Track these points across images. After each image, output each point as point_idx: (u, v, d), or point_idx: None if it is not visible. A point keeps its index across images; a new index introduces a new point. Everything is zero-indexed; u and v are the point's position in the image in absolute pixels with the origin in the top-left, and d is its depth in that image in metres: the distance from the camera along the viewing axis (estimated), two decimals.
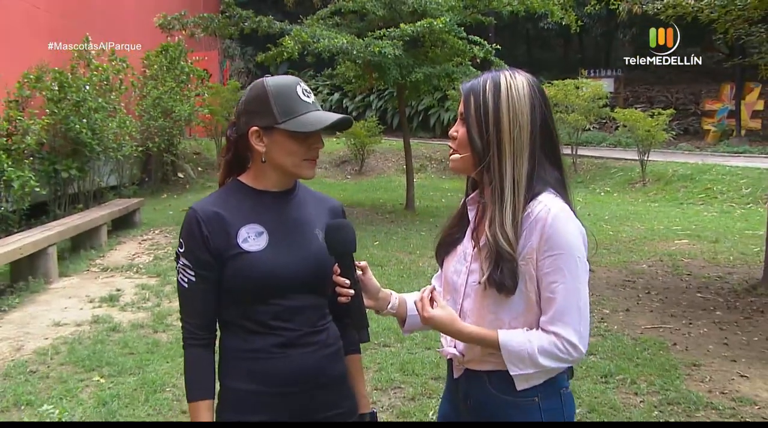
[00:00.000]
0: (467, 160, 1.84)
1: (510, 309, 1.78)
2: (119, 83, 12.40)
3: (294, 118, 1.83)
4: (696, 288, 7.15)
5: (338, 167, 18.78)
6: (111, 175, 12.48)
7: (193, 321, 1.90)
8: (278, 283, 1.84)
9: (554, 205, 1.76)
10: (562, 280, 1.73)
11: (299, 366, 1.87)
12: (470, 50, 11.91)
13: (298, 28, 10.79)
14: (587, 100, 15.77)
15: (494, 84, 1.81)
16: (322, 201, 2.05)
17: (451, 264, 1.92)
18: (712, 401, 4.36)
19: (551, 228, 1.74)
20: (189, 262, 1.87)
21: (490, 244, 1.76)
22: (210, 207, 1.89)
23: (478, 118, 1.80)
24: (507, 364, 1.76)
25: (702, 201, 12.97)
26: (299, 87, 1.87)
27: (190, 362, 1.90)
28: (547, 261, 1.74)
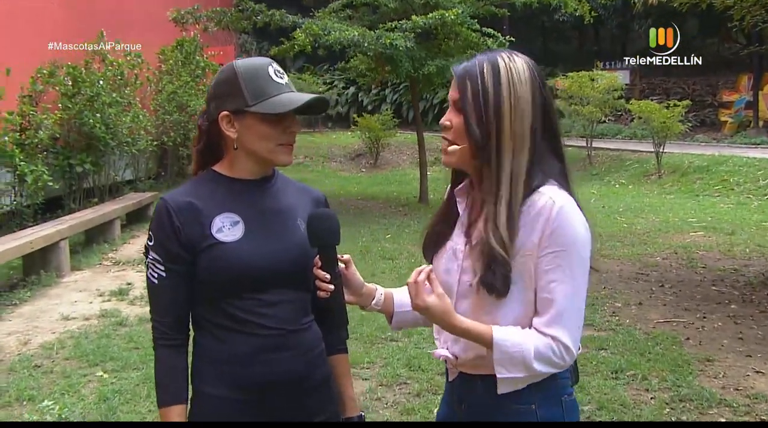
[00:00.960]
0: (464, 152, 1.66)
1: (507, 312, 1.65)
2: (134, 78, 12.43)
3: (265, 99, 1.72)
4: (711, 281, 7.04)
5: (353, 161, 18.76)
6: (126, 170, 12.52)
7: (163, 320, 1.79)
8: (256, 275, 1.74)
9: (559, 197, 1.61)
10: (563, 280, 1.59)
11: (279, 371, 1.76)
12: (484, 42, 11.84)
13: (309, 21, 10.76)
14: (602, 92, 15.61)
15: (492, 67, 1.64)
16: (304, 190, 1.94)
17: (442, 262, 1.76)
18: (726, 398, 4.25)
19: (555, 223, 1.58)
20: (159, 256, 1.76)
21: (483, 244, 1.62)
22: (182, 196, 1.78)
23: (477, 105, 1.62)
24: (495, 366, 1.61)
25: (718, 192, 12.79)
26: (271, 67, 1.76)
27: (160, 364, 1.79)
28: (547, 258, 1.59)
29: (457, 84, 1.67)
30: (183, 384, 1.79)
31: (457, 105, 1.66)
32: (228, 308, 1.75)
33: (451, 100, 1.69)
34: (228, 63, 1.82)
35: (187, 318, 1.81)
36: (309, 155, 18.76)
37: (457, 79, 1.67)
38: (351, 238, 9.37)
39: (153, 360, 4.39)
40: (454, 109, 1.68)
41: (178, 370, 1.78)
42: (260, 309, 1.75)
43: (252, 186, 1.82)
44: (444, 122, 1.69)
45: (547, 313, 1.60)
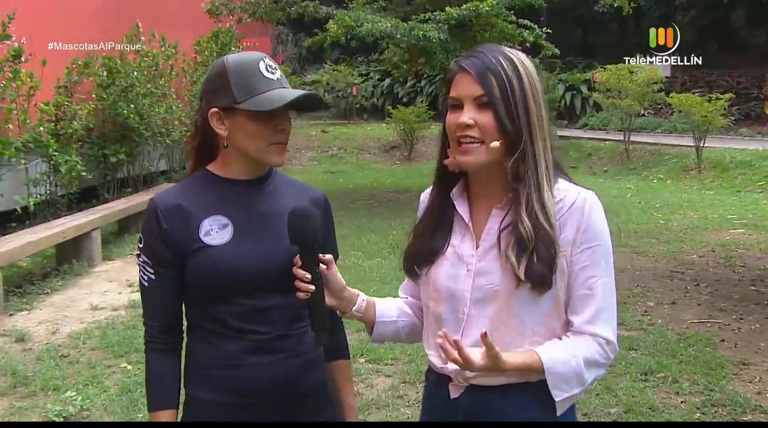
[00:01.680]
0: (495, 149, 1.59)
1: (537, 311, 1.59)
2: (169, 69, 12.51)
3: (254, 96, 1.65)
4: (749, 281, 6.82)
5: (387, 153, 18.68)
6: (160, 160, 12.61)
7: (154, 324, 1.75)
8: (244, 279, 1.68)
9: (587, 192, 1.62)
10: (601, 274, 1.59)
11: (272, 375, 1.71)
12: (520, 34, 11.66)
13: (341, 13, 10.69)
14: (641, 85, 15.26)
15: (509, 61, 1.61)
16: (303, 190, 1.87)
17: (443, 270, 1.68)
18: (762, 404, 4.09)
19: (590, 218, 1.59)
20: (148, 259, 1.72)
21: (528, 233, 1.55)
22: (171, 198, 1.74)
23: (506, 100, 1.58)
24: (552, 390, 1.56)
25: (761, 188, 12.41)
26: (263, 62, 1.69)
27: (150, 368, 1.76)
28: (584, 255, 1.59)
29: (477, 79, 1.59)
30: (173, 389, 1.75)
31: (479, 101, 1.59)
32: (218, 312, 1.70)
33: (468, 97, 1.60)
34: (220, 58, 1.76)
35: (178, 322, 1.77)
36: (343, 147, 18.74)
37: (475, 74, 1.59)
38: (382, 231, 9.31)
39: None
40: (473, 107, 1.60)
41: (167, 375, 1.75)
42: (250, 314, 1.70)
43: (245, 186, 1.76)
44: (466, 121, 1.59)
45: (588, 310, 1.60)
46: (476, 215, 1.68)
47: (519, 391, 1.60)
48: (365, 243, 8.58)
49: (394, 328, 1.79)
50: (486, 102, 1.59)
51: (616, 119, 16.91)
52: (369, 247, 8.37)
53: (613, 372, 4.53)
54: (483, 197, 1.68)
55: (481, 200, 1.68)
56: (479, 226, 1.67)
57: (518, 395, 1.60)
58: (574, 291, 1.60)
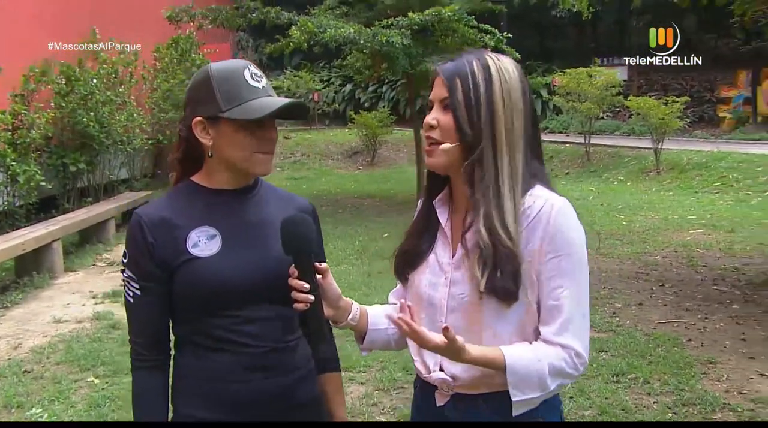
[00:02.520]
0: (453, 152, 1.59)
1: (509, 322, 1.56)
2: (129, 76, 12.33)
3: (239, 105, 1.62)
4: (712, 281, 6.95)
5: (350, 158, 18.67)
6: (121, 169, 12.44)
7: (140, 341, 1.70)
8: (234, 291, 1.64)
9: (556, 199, 1.57)
10: (569, 285, 1.54)
11: (264, 392, 1.67)
12: (481, 39, 11.73)
13: (304, 18, 10.65)
14: (600, 89, 15.51)
15: (483, 66, 1.60)
16: (289, 200, 1.84)
17: (424, 277, 1.67)
18: (730, 402, 4.17)
19: (555, 226, 1.54)
20: (133, 274, 1.67)
21: (485, 246, 1.53)
22: (156, 211, 1.69)
23: (468, 104, 1.57)
24: (511, 389, 1.52)
25: (717, 189, 12.70)
26: (247, 70, 1.66)
27: (137, 386, 1.71)
28: (551, 264, 1.54)
29: (444, 82, 1.60)
30: (161, 408, 1.70)
31: (444, 103, 1.60)
32: (207, 326, 1.66)
33: (436, 99, 1.63)
34: (204, 66, 1.72)
35: (165, 338, 1.72)
36: (306, 153, 18.67)
37: (444, 77, 1.61)
38: (348, 237, 9.29)
39: None
40: (440, 108, 1.61)
41: (155, 393, 1.70)
42: (240, 326, 1.66)
43: (231, 196, 1.72)
44: (430, 121, 1.61)
45: (556, 321, 1.54)
46: (455, 223, 1.67)
47: (503, 398, 1.56)
48: (332, 250, 8.54)
49: (385, 336, 1.77)
50: (448, 104, 1.59)
51: (576, 122, 17.15)
52: (336, 254, 8.33)
53: (586, 374, 4.56)
54: (460, 202, 1.67)
55: (459, 205, 1.67)
56: (457, 234, 1.65)
57: (503, 402, 1.57)
58: (543, 301, 1.56)
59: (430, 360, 1.66)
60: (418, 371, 1.71)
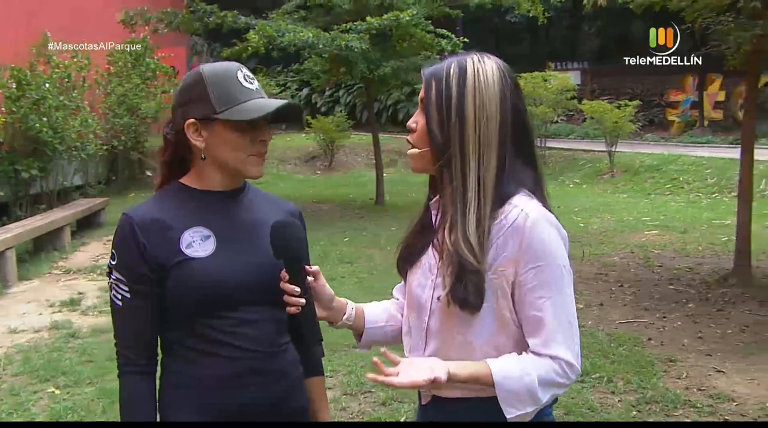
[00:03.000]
0: (425, 156, 1.60)
1: (480, 330, 1.56)
2: (82, 81, 12.10)
3: (234, 106, 1.62)
4: (668, 280, 7.12)
5: (307, 163, 18.59)
6: (76, 175, 12.20)
7: (128, 345, 1.67)
8: (230, 292, 1.63)
9: (532, 209, 1.54)
10: (549, 295, 1.52)
11: (254, 396, 1.66)
12: (438, 44, 11.82)
13: (262, 23, 10.61)
14: (555, 93, 15.76)
15: (460, 68, 1.57)
16: (276, 203, 1.84)
17: (416, 278, 1.68)
18: (690, 399, 4.28)
19: (531, 237, 1.52)
20: (122, 276, 1.64)
21: (451, 255, 1.53)
22: (147, 212, 1.67)
23: (439, 107, 1.56)
24: (503, 407, 1.50)
25: (669, 191, 13.02)
26: (240, 72, 1.66)
27: (125, 393, 1.67)
28: (530, 275, 1.52)
29: (423, 84, 1.61)
30: (150, 415, 1.67)
31: (422, 105, 1.62)
32: (200, 329, 1.64)
33: (420, 100, 1.64)
34: (195, 68, 1.71)
35: (154, 343, 1.70)
36: None
37: (424, 80, 1.61)
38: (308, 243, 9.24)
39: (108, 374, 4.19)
40: (420, 111, 1.63)
41: (144, 400, 1.67)
42: (235, 328, 1.65)
43: (223, 197, 1.72)
44: (410, 124, 1.63)
45: (541, 332, 1.53)
46: (444, 224, 1.65)
47: (471, 404, 1.59)
48: None
49: (383, 333, 1.78)
50: (424, 107, 1.61)
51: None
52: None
53: None
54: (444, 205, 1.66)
55: (448, 209, 1.64)
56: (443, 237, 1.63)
57: (471, 406, 1.59)
58: (524, 312, 1.54)
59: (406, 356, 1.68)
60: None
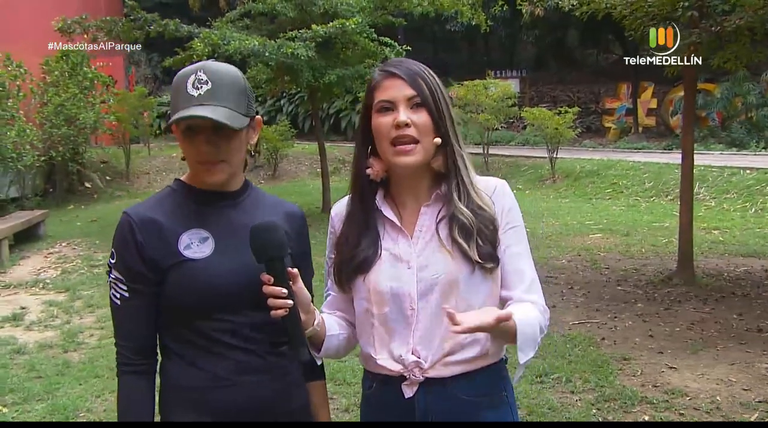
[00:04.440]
0: (432, 146, 1.71)
1: (481, 292, 1.70)
2: (17, 90, 11.74)
3: (175, 112, 1.62)
4: (615, 282, 7.30)
5: (251, 172, 18.39)
6: (11, 187, 11.83)
7: (127, 344, 1.66)
8: (227, 294, 1.63)
9: (499, 180, 1.81)
10: (524, 251, 1.76)
11: (253, 397, 1.66)
12: (381, 52, 11.87)
13: (207, 31, 10.49)
14: (496, 100, 16.00)
15: (427, 69, 1.76)
16: (278, 205, 1.83)
17: (381, 275, 1.71)
18: (647, 395, 4.40)
19: (510, 201, 1.76)
20: (121, 275, 1.64)
21: (468, 221, 1.69)
22: (146, 211, 1.67)
23: (436, 102, 1.70)
24: (520, 353, 1.60)
25: (609, 195, 13.35)
26: (194, 76, 1.63)
27: (123, 392, 1.66)
28: (509, 234, 1.74)
29: (408, 82, 1.69)
30: (148, 414, 1.66)
31: (413, 102, 1.69)
32: (198, 330, 1.64)
33: (401, 99, 1.68)
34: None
35: (153, 342, 1.68)
36: None
37: (406, 78, 1.69)
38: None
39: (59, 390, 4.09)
40: (406, 108, 1.68)
41: (142, 399, 1.65)
42: (233, 329, 1.64)
43: (221, 199, 1.71)
44: (404, 120, 1.67)
45: (524, 282, 1.74)
46: (404, 217, 1.76)
47: (468, 379, 1.70)
48: None
49: (336, 342, 1.79)
50: (419, 102, 1.69)
51: (474, 133, 17.59)
52: None
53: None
54: (409, 198, 1.77)
55: (407, 201, 1.77)
56: (409, 226, 1.75)
57: (467, 382, 1.70)
58: (505, 267, 1.73)
59: (402, 349, 1.70)
60: (381, 367, 1.73)
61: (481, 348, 1.70)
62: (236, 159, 1.71)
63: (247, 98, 1.69)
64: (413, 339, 1.69)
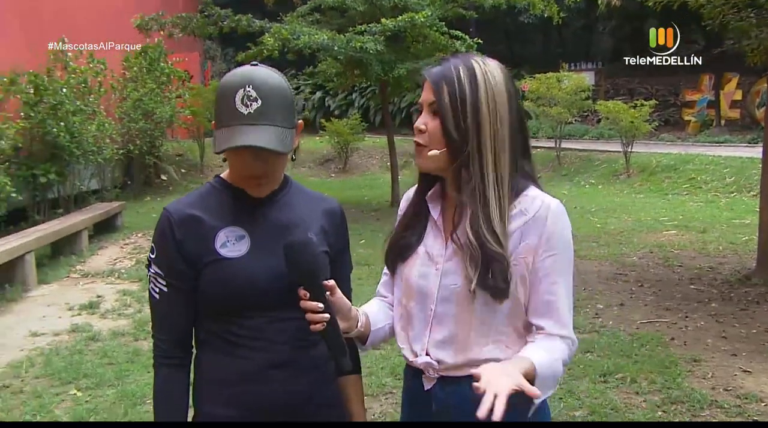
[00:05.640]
0: (442, 156, 1.64)
1: (498, 313, 1.63)
2: (98, 86, 12.16)
3: (221, 128, 1.61)
4: (689, 280, 7.05)
5: (322, 166, 18.63)
6: (92, 179, 12.25)
7: (165, 338, 1.69)
8: (261, 294, 1.63)
9: (551, 200, 1.65)
10: (561, 281, 1.64)
11: (286, 390, 1.66)
12: (452, 45, 11.79)
13: (277, 26, 10.63)
14: (570, 93, 15.69)
15: (468, 70, 1.63)
16: (317, 201, 1.81)
17: (414, 268, 1.72)
18: (717, 399, 4.22)
19: (553, 226, 1.62)
20: (160, 270, 1.66)
21: (473, 247, 1.59)
22: (185, 208, 1.68)
23: (454, 108, 1.61)
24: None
25: (687, 191, 12.92)
26: (241, 91, 1.59)
27: (160, 385, 1.69)
28: (547, 262, 1.62)
29: (431, 87, 1.64)
30: (183, 407, 1.69)
31: (432, 108, 1.64)
32: (232, 326, 1.65)
33: (425, 103, 1.66)
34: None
35: (189, 336, 1.71)
36: None
37: (431, 82, 1.65)
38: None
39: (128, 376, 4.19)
40: (428, 113, 1.65)
41: (178, 391, 1.69)
42: (266, 326, 1.65)
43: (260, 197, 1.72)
44: (419, 126, 1.66)
45: (554, 315, 1.64)
46: (447, 218, 1.73)
47: None
48: None
49: (383, 333, 1.81)
50: (436, 109, 1.63)
51: (547, 127, 17.31)
52: None
53: (573, 375, 4.60)
54: (453, 201, 1.72)
55: (452, 203, 1.73)
56: (449, 229, 1.71)
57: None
58: (538, 295, 1.63)
59: (417, 346, 1.71)
60: (405, 357, 1.76)
61: None
62: (280, 171, 1.73)
63: (293, 108, 1.69)
64: (428, 339, 1.69)
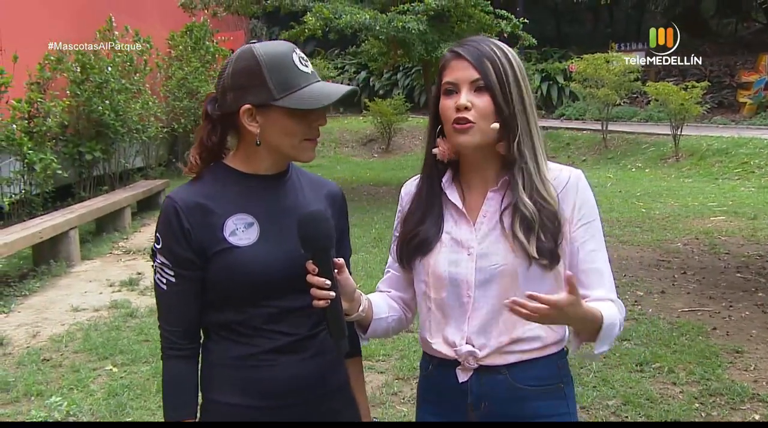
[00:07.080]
0: (491, 133, 1.64)
1: (542, 286, 1.60)
2: (143, 64, 12.31)
3: (293, 92, 1.56)
4: (735, 268, 6.83)
5: (365, 146, 18.61)
6: (137, 157, 12.46)
7: (173, 329, 1.66)
8: (272, 282, 1.61)
9: (576, 170, 1.73)
10: (599, 247, 1.69)
11: (296, 375, 1.65)
12: (497, 24, 11.62)
13: (320, 5, 10.57)
14: (618, 75, 15.32)
15: (499, 49, 1.69)
16: (319, 185, 1.79)
17: (441, 257, 1.69)
18: (759, 392, 4.07)
19: (584, 194, 1.69)
20: (167, 260, 1.62)
21: (530, 213, 1.62)
22: (191, 196, 1.63)
23: (501, 85, 1.65)
24: (598, 343, 1.57)
25: (738, 176, 12.52)
26: (295, 54, 1.60)
27: (169, 376, 1.67)
28: (582, 230, 1.67)
29: (474, 65, 1.65)
30: (193, 397, 1.67)
31: (476, 85, 1.65)
32: (243, 316, 1.63)
33: (464, 81, 1.65)
34: (245, 48, 1.62)
35: (197, 326, 1.69)
36: (320, 141, 18.40)
37: (473, 61, 1.66)
38: (365, 226, 9.23)
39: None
40: (470, 90, 1.65)
41: (187, 382, 1.67)
42: (276, 314, 1.63)
43: (267, 181, 1.68)
44: (463, 103, 1.64)
45: (603, 282, 1.67)
46: (469, 201, 1.73)
47: (524, 368, 1.67)
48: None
49: (385, 325, 1.79)
50: (482, 86, 1.65)
51: (593, 109, 16.97)
52: (353, 242, 8.14)
53: (608, 363, 4.50)
54: (476, 182, 1.73)
55: (474, 186, 1.74)
56: (473, 212, 1.71)
57: (523, 370, 1.67)
58: (580, 265, 1.66)
59: (456, 336, 1.69)
60: (437, 351, 1.73)
61: (542, 343, 1.68)
62: None
63: None
64: (468, 327, 1.68)
